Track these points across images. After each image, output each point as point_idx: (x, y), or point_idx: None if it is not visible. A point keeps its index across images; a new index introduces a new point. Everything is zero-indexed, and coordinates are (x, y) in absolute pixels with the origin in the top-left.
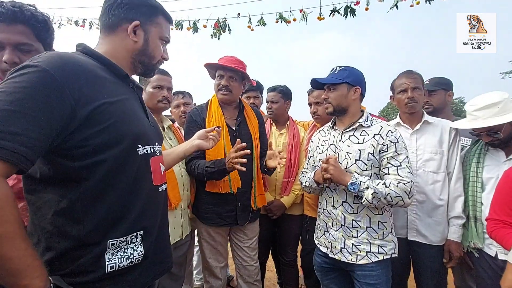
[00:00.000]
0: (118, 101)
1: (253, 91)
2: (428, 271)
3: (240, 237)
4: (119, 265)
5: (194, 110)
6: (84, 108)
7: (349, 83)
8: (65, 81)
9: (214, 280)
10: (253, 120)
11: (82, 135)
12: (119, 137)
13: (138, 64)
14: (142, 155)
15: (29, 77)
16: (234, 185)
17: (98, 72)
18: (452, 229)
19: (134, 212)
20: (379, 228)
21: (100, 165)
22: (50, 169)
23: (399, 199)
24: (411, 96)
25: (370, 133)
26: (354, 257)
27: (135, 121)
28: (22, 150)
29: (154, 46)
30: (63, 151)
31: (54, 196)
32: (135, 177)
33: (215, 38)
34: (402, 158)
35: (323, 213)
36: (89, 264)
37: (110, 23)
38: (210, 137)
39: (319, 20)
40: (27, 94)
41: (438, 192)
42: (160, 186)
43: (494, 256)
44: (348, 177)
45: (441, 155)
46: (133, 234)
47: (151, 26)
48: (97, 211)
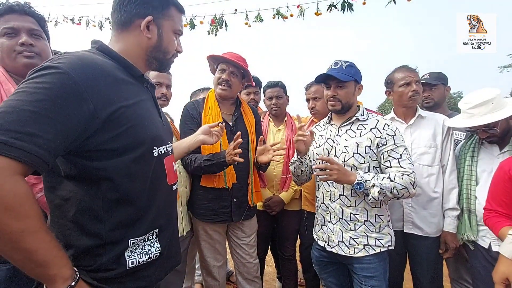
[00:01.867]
0: (134, 103)
1: (253, 87)
2: (424, 263)
3: (238, 234)
4: (139, 261)
5: (190, 104)
6: (102, 112)
7: (357, 81)
8: (85, 84)
9: (211, 280)
10: (249, 116)
11: (100, 139)
12: (137, 141)
13: (153, 61)
14: (157, 156)
15: (50, 79)
16: (229, 180)
17: (116, 73)
18: (447, 221)
19: (152, 211)
20: (377, 221)
21: (119, 167)
22: (71, 168)
23: (405, 191)
24: (417, 89)
25: (367, 126)
26: (352, 250)
27: (151, 124)
28: (38, 152)
29: (168, 40)
30: (82, 153)
31: (76, 194)
32: (152, 177)
33: (212, 35)
34: (401, 150)
35: (321, 207)
36: (111, 262)
37: (122, 20)
38: (214, 132)
39: (316, 16)
40: (47, 96)
41: (432, 185)
42: (173, 185)
43: (487, 248)
44: (353, 177)
45: (435, 148)
46: (150, 232)
47: (164, 20)
48: (118, 210)
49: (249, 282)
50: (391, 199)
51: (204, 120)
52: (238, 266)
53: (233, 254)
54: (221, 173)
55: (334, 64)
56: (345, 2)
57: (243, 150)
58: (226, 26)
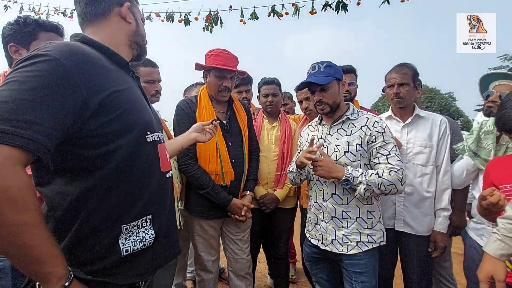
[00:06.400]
0: (125, 89)
1: (244, 85)
2: (414, 260)
3: (232, 229)
4: (134, 248)
5: (183, 102)
6: (95, 97)
7: (338, 79)
8: (76, 70)
9: (205, 274)
10: (242, 113)
11: (94, 124)
12: (130, 125)
13: (135, 46)
14: (151, 142)
15: (41, 66)
16: (227, 178)
17: (103, 61)
18: (438, 220)
19: (145, 197)
20: (368, 218)
21: (114, 153)
22: (63, 160)
23: (392, 187)
24: (396, 92)
25: (357, 125)
26: (345, 248)
27: (143, 110)
28: (40, 139)
29: (142, 26)
30: (78, 141)
31: (68, 186)
32: (146, 163)
33: (207, 32)
34: (390, 147)
35: (314, 206)
36: (104, 250)
37: (100, 10)
38: (207, 130)
39: (311, 15)
40: (40, 83)
41: (425, 185)
42: (167, 172)
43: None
44: (341, 173)
45: (430, 148)
46: (143, 218)
47: (134, 7)
48: (111, 198)
49: (241, 279)
50: (378, 195)
51: (199, 119)
52: (230, 263)
53: (226, 250)
54: (218, 172)
55: (312, 69)
56: (340, 2)
57: (237, 148)
58: (221, 23)
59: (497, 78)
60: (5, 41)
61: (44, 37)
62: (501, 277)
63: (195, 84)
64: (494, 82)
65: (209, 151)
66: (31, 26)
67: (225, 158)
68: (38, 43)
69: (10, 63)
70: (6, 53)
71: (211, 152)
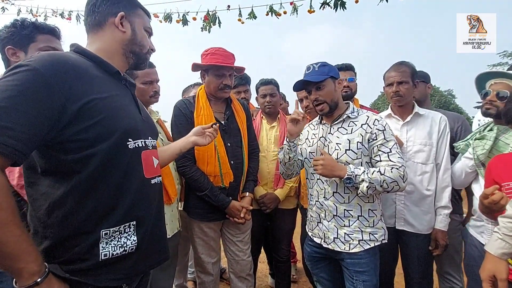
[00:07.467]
0: (108, 97)
1: (242, 86)
2: (415, 259)
3: (232, 231)
4: (113, 253)
5: (181, 102)
6: (74, 104)
7: (333, 77)
8: (54, 78)
9: (205, 276)
10: (240, 113)
11: (73, 130)
12: (108, 132)
13: (130, 55)
14: (133, 148)
15: (20, 76)
16: (226, 180)
17: (89, 69)
18: (439, 219)
19: (125, 203)
20: (370, 216)
21: (92, 158)
22: (46, 162)
23: (395, 184)
24: (396, 90)
25: (358, 123)
26: (347, 246)
27: (125, 116)
28: (13, 144)
29: (141, 35)
30: (57, 145)
31: (49, 188)
32: (126, 170)
33: (205, 31)
34: (391, 145)
35: (315, 205)
36: (83, 252)
37: (96, 21)
38: (207, 133)
39: (309, 13)
40: (18, 91)
41: (426, 183)
42: (153, 179)
43: (484, 244)
44: (343, 171)
45: (430, 146)
46: (126, 224)
47: (135, 17)
48: (90, 202)
49: (242, 280)
50: (381, 192)
51: (197, 120)
52: (231, 264)
53: (227, 251)
54: (217, 173)
55: (307, 69)
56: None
57: (236, 148)
58: (219, 22)
59: (493, 76)
60: (2, 44)
61: (42, 39)
62: (503, 275)
63: (193, 84)
64: (490, 81)
65: (207, 152)
66: (29, 29)
67: (223, 160)
68: (36, 45)
69: (8, 65)
70: (3, 55)
71: (209, 153)
